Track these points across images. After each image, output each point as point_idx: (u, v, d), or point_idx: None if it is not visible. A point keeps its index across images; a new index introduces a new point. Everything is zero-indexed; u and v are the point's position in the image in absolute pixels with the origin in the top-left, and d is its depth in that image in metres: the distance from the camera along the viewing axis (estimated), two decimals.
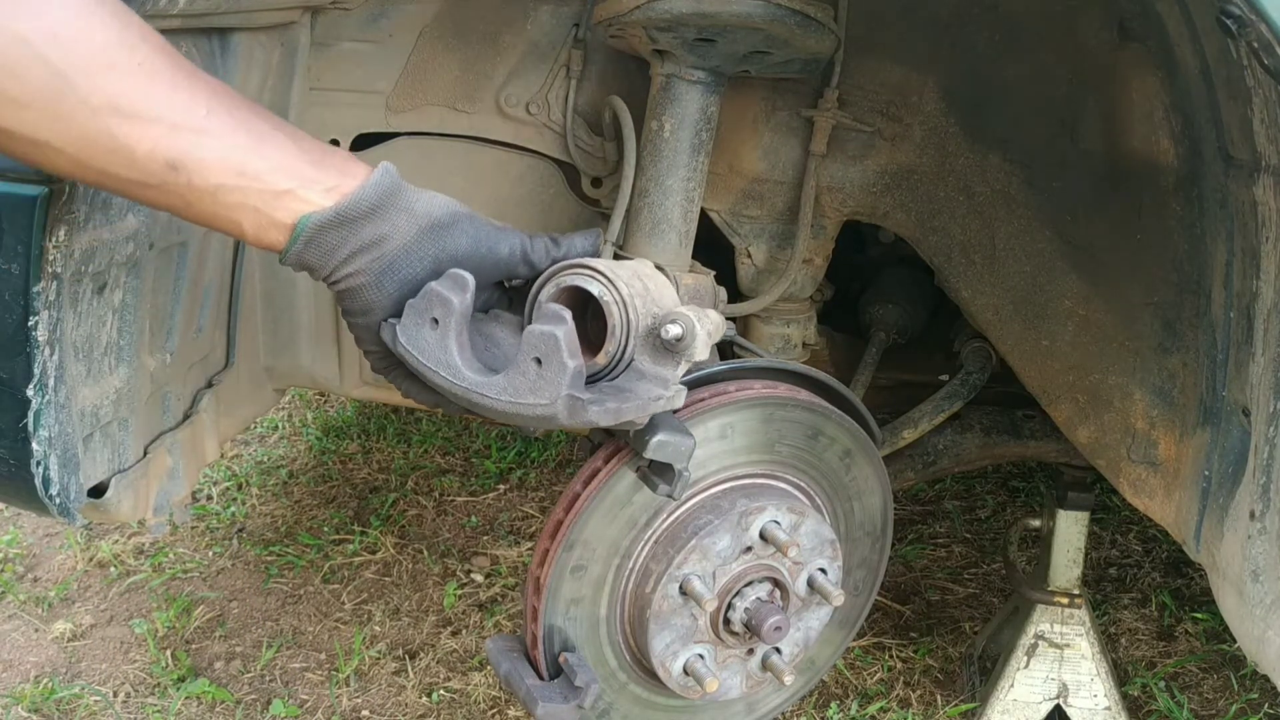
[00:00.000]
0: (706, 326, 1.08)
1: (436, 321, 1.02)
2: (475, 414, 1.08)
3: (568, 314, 1.02)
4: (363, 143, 1.67)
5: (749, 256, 1.75)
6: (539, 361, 1.01)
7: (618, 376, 1.10)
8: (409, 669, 2.27)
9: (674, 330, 1.07)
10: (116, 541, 2.73)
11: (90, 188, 1.08)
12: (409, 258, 1.03)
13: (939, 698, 2.20)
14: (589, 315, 1.13)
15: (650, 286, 1.13)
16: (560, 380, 1.00)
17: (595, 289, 1.10)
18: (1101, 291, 1.57)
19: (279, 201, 0.98)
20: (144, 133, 0.92)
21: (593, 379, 1.09)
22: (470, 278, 1.02)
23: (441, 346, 1.03)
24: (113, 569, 2.63)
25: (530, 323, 1.14)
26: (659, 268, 1.27)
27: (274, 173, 0.98)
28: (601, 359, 1.10)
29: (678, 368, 1.09)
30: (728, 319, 1.64)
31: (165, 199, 0.97)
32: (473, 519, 2.89)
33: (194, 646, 2.36)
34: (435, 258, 1.04)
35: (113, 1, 0.92)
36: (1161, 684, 2.27)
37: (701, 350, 1.08)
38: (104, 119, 0.90)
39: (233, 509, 2.92)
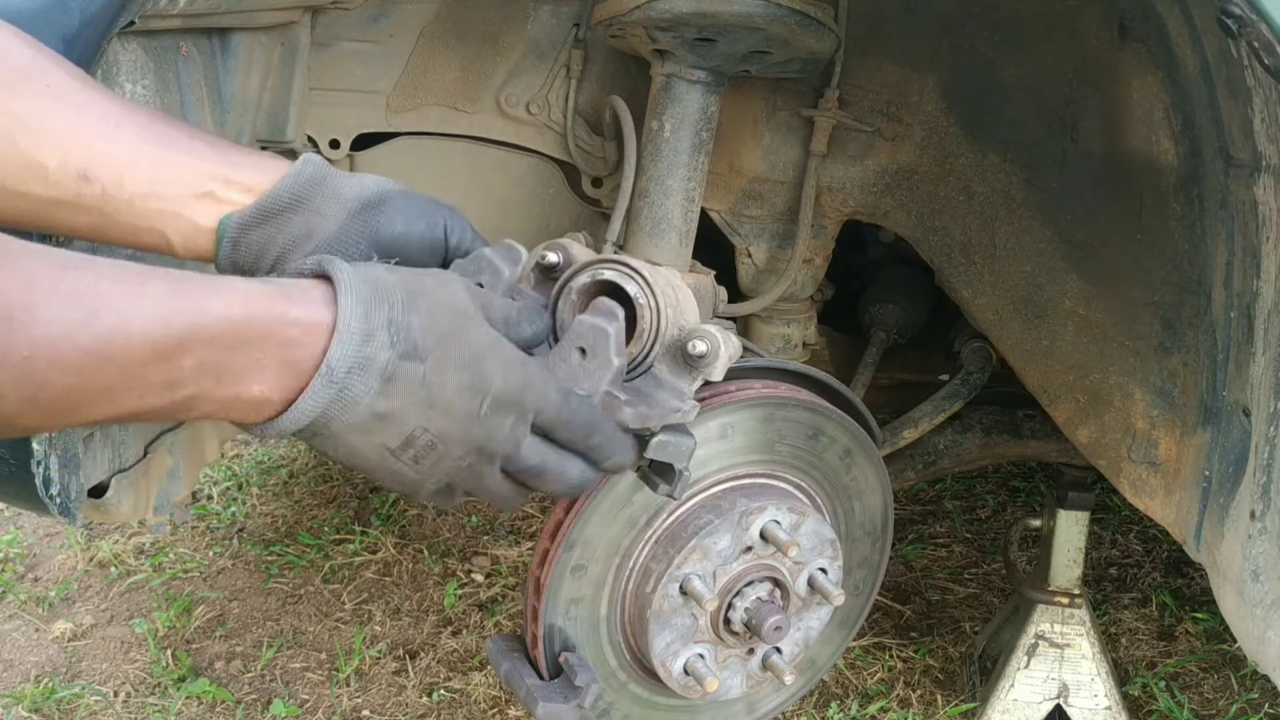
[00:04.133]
0: (729, 349, 1.09)
1: (481, 286, 1.02)
2: None
3: (621, 312, 1.02)
4: (363, 143, 1.67)
5: (749, 256, 1.75)
6: (583, 352, 1.01)
7: (634, 379, 1.10)
8: (409, 669, 2.27)
9: (700, 346, 1.07)
10: (117, 541, 2.73)
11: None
12: (343, 245, 0.98)
13: (939, 698, 2.20)
14: None
15: (680, 299, 1.13)
16: (603, 375, 1.01)
17: (632, 289, 1.10)
18: (1102, 291, 1.57)
19: (199, 205, 0.95)
20: (53, 144, 0.91)
21: None
22: (524, 250, 1.01)
23: None
24: (113, 569, 2.63)
25: (555, 307, 1.14)
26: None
27: (190, 175, 0.95)
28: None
29: (694, 383, 1.09)
30: (728, 318, 1.64)
31: (85, 217, 0.94)
32: (473, 519, 2.89)
33: (194, 646, 2.36)
34: (371, 239, 0.99)
35: (28, 36, 0.92)
36: (1162, 684, 2.27)
37: (719, 372, 1.09)
38: (13, 137, 0.90)
39: (233, 509, 2.92)
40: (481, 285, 1.01)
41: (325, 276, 0.84)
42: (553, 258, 1.18)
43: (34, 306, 0.68)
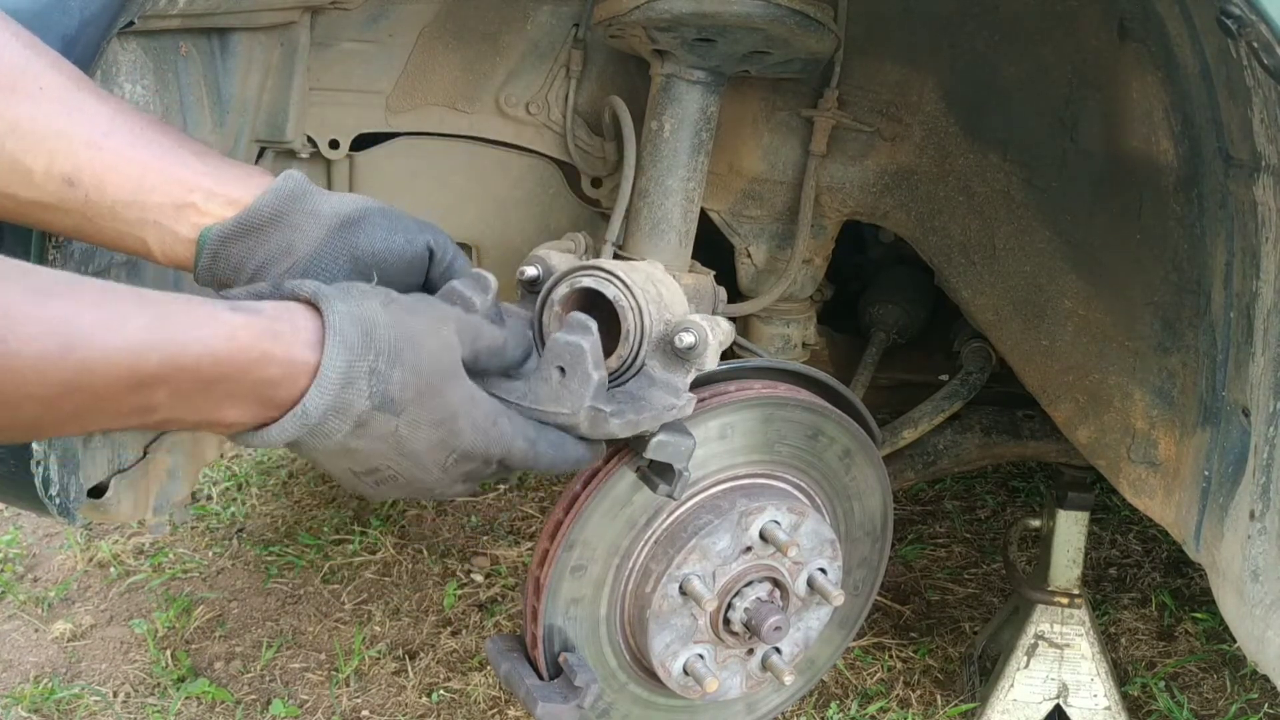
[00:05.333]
0: (718, 335, 1.08)
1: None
2: None
3: (594, 324, 1.01)
4: (363, 142, 1.67)
5: (749, 256, 1.75)
6: (562, 370, 1.00)
7: (627, 381, 1.10)
8: (409, 669, 2.27)
9: (687, 339, 1.07)
10: (116, 542, 2.73)
11: None
12: (321, 262, 0.98)
13: (939, 698, 2.20)
14: (601, 317, 1.13)
15: (663, 292, 1.13)
16: (584, 392, 1.00)
17: (610, 293, 1.09)
18: (1101, 291, 1.57)
19: (180, 215, 0.96)
20: (40, 149, 0.91)
21: None
22: (493, 279, 1.00)
23: None
24: (113, 569, 2.63)
25: (540, 320, 1.14)
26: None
27: (173, 186, 0.95)
28: (613, 363, 1.09)
29: (688, 375, 1.09)
30: (728, 319, 1.64)
31: (68, 220, 0.95)
32: (473, 519, 2.89)
33: (194, 646, 2.36)
34: (351, 257, 0.99)
35: (27, 34, 0.92)
36: (1161, 684, 2.27)
37: (712, 360, 1.08)
38: (1, 140, 0.90)
39: (233, 509, 2.92)
40: None
41: (319, 307, 0.85)
42: (531, 272, 1.18)
43: (10, 338, 0.68)
